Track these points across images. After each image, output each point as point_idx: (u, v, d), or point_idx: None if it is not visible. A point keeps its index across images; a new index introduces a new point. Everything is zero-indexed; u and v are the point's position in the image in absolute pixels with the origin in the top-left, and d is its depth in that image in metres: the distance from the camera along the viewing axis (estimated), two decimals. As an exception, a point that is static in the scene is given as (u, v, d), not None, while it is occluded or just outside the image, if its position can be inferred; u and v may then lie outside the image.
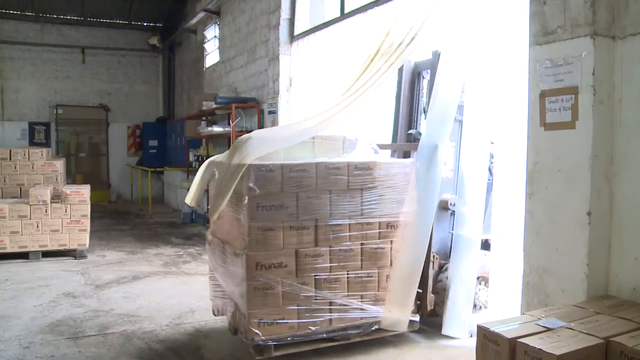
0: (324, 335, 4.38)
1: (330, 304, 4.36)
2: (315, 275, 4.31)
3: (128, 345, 4.69)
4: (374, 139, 5.16)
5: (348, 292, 4.43)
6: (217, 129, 10.46)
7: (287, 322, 4.23)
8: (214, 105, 10.29)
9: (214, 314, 5.01)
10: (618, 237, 3.38)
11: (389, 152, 5.31)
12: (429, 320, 4.93)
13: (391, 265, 4.57)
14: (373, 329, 4.52)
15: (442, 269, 4.86)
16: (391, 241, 4.57)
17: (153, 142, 16.13)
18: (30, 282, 6.78)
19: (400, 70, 5.36)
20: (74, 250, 8.15)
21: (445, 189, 4.92)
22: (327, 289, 4.35)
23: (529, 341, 2.58)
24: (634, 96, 3.29)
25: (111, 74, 16.13)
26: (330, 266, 4.36)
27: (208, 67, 13.62)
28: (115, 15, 15.90)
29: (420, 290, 4.66)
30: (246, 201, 4.11)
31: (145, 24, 16.38)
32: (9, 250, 7.84)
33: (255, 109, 9.78)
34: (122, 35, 16.18)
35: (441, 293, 4.77)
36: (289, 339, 4.26)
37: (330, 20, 7.95)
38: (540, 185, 3.68)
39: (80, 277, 7.08)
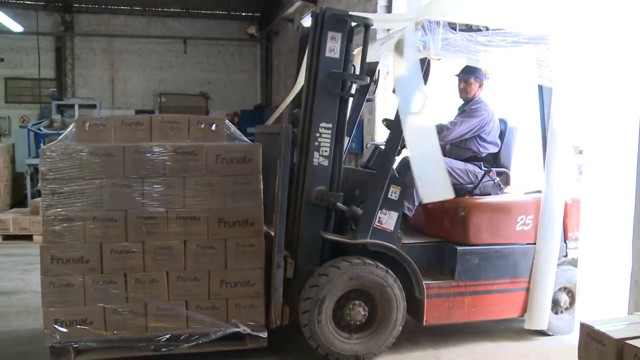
0: (141, 343, 3.86)
1: (146, 307, 3.84)
2: (125, 274, 3.82)
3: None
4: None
5: (169, 296, 3.87)
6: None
7: (91, 324, 3.79)
8: (311, 93, 10.16)
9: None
10: None
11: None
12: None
13: (226, 268, 3.91)
14: (202, 341, 3.89)
15: (312, 274, 4.04)
16: (225, 240, 3.90)
17: (251, 129, 16.25)
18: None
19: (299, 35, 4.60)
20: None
21: (319, 180, 4.08)
22: (141, 290, 3.83)
23: None
24: None
25: (211, 63, 16.57)
26: (145, 265, 3.83)
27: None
28: (215, 6, 16.27)
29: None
30: (39, 187, 3.74)
31: (243, 14, 16.60)
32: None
33: (353, 96, 9.50)
34: (221, 26, 16.54)
35: (307, 304, 3.95)
36: (94, 344, 3.81)
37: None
38: None
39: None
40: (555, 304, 4.50)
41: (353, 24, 4.16)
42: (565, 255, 4.49)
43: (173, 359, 3.92)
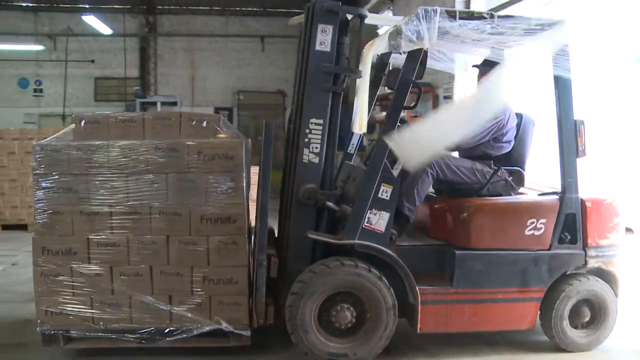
0: (126, 335, 3.91)
1: (131, 300, 3.89)
2: (111, 267, 3.88)
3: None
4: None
5: (153, 290, 3.90)
6: (391, 113, 10.27)
7: (78, 314, 3.89)
8: (388, 90, 10.16)
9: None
10: None
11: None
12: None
13: (209, 264, 3.88)
14: (184, 336, 3.89)
15: (299, 274, 3.91)
16: (208, 237, 3.87)
17: (327, 127, 16.37)
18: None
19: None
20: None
21: (309, 178, 3.95)
22: (126, 283, 3.88)
23: None
24: None
25: (288, 61, 16.61)
26: (129, 259, 3.88)
27: (382, 53, 13.31)
28: (293, 4, 16.30)
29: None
30: (31, 182, 3.88)
31: (319, 11, 16.58)
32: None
33: (430, 93, 9.32)
34: (298, 24, 16.61)
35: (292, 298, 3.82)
36: (84, 333, 3.91)
37: (508, 2, 7.27)
38: None
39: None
40: (574, 317, 4.10)
41: (349, 16, 4.02)
42: (585, 264, 4.07)
43: (159, 352, 3.96)
